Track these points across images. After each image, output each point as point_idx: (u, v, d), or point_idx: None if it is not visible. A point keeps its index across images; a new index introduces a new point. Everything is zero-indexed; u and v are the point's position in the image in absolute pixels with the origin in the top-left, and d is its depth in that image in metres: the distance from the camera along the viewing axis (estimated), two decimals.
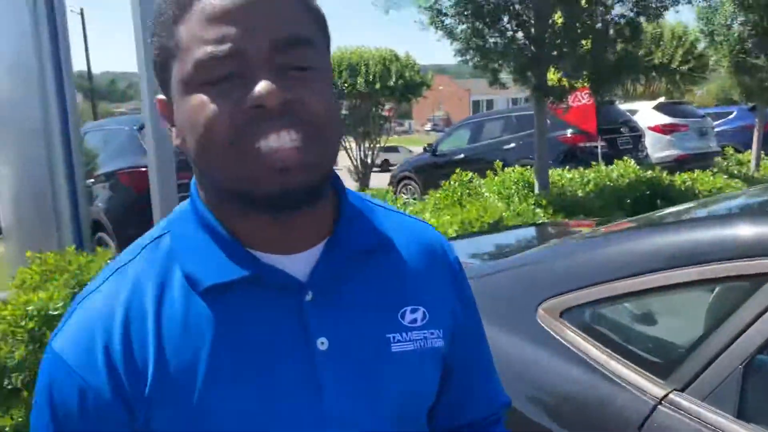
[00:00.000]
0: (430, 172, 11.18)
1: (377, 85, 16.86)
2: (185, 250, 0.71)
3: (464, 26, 5.93)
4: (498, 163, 7.19)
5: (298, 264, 0.72)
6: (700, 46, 10.96)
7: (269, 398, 0.68)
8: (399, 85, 17.08)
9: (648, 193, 6.31)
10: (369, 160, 17.61)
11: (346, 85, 16.52)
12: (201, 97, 0.64)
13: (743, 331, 1.14)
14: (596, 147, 9.08)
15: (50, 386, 0.67)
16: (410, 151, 33.80)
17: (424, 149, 11.74)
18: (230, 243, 0.70)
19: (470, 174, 6.55)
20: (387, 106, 18.11)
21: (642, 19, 5.79)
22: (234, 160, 0.64)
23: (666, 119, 11.15)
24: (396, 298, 0.76)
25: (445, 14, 6.03)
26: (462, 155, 10.72)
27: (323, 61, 0.68)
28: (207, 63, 0.63)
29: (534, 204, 5.38)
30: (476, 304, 0.89)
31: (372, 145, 17.72)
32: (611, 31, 5.84)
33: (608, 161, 8.33)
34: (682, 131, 11.08)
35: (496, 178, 6.69)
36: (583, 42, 5.77)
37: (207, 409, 0.66)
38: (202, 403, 0.66)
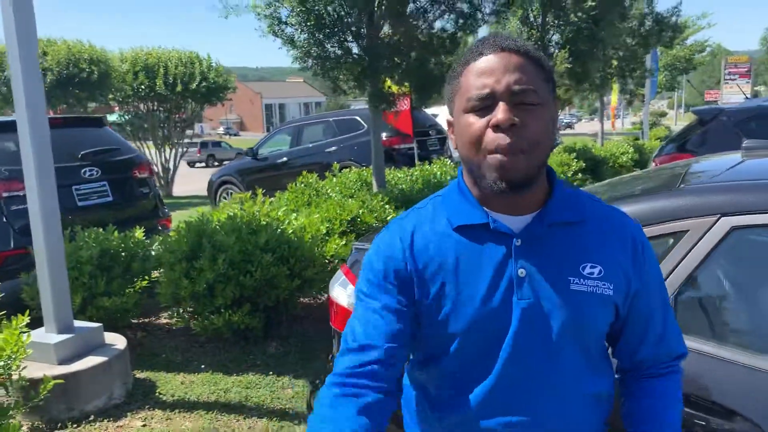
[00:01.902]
0: (254, 175, 11.29)
1: (178, 88, 16.34)
2: (449, 205, 1.18)
3: (305, 36, 6.21)
4: (335, 165, 7.61)
5: (516, 223, 1.13)
6: None
7: (484, 296, 1.11)
8: (202, 88, 16.71)
9: None
10: (171, 166, 16.92)
11: (142, 87, 15.78)
12: (468, 118, 1.08)
13: (669, 274, 1.66)
14: (411, 148, 9.92)
15: (374, 263, 1.18)
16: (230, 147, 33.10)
17: (244, 153, 11.74)
18: (475, 204, 1.15)
19: (314, 176, 6.86)
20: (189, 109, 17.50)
21: (460, 33, 6.56)
22: (477, 160, 1.08)
23: None
24: (580, 256, 1.13)
25: (286, 23, 6.28)
26: (285, 158, 10.98)
27: (545, 99, 1.08)
28: (475, 99, 1.06)
29: (382, 201, 5.86)
30: (658, 273, 1.22)
31: (174, 150, 17.09)
32: (434, 44, 6.52)
33: (420, 161, 9.18)
34: None
35: (335, 179, 7.09)
36: (411, 54, 6.38)
37: (444, 294, 1.13)
38: (442, 288, 1.13)
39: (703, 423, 1.52)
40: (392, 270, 1.15)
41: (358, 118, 10.60)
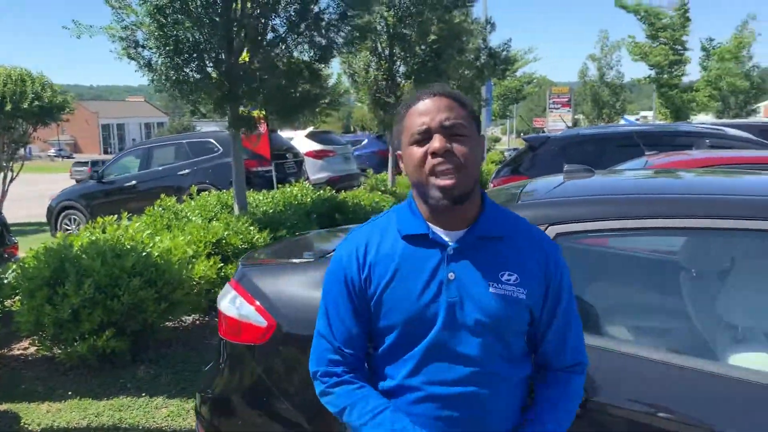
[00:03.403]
0: (99, 199, 10.80)
1: (8, 107, 15.17)
2: (400, 218, 1.48)
3: (163, 59, 6.21)
4: (193, 188, 7.57)
5: (451, 235, 1.43)
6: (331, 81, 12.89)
7: (420, 293, 1.41)
8: (34, 108, 15.62)
9: (329, 208, 7.49)
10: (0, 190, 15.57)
11: None
12: (413, 149, 1.40)
13: None
14: (268, 171, 10.07)
15: (335, 269, 1.50)
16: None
17: (90, 177, 11.20)
18: (420, 218, 1.45)
19: (173, 199, 6.81)
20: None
21: (317, 63, 6.90)
22: (422, 181, 1.39)
23: (317, 146, 12.83)
24: (501, 265, 1.41)
25: (143, 46, 6.24)
26: (134, 181, 10.65)
27: (471, 132, 1.41)
28: (416, 134, 1.40)
29: (246, 223, 5.99)
30: (568, 286, 1.48)
31: (2, 174, 15.76)
32: (294, 71, 6.80)
33: (278, 184, 9.38)
34: (331, 156, 12.90)
35: (193, 202, 7.08)
36: (272, 80, 6.61)
37: (389, 291, 1.43)
38: (387, 286, 1.43)
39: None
40: (350, 277, 1.48)
41: (212, 140, 10.56)
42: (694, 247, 2.58)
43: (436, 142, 1.36)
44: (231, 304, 2.51)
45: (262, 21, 6.54)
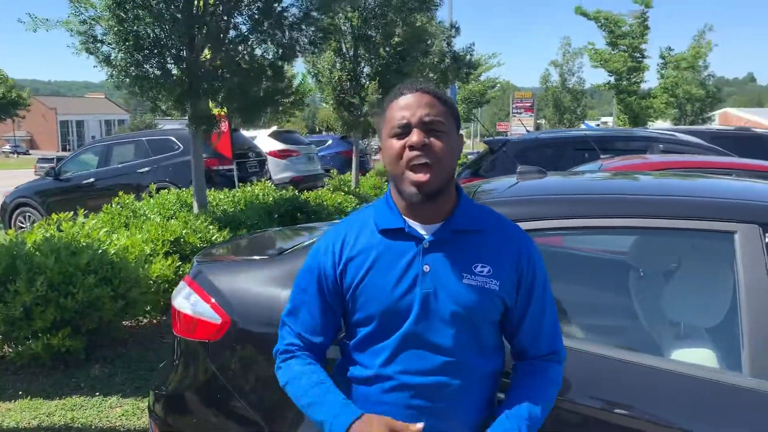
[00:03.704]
0: (56, 197, 10.56)
1: None
2: (377, 213, 1.53)
3: (122, 55, 6.12)
4: (152, 186, 7.48)
5: (427, 229, 1.48)
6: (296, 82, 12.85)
7: (396, 285, 1.45)
8: None
9: (290, 208, 7.47)
10: None
11: None
12: (392, 141, 1.44)
13: None
14: (230, 170, 9.98)
15: (310, 261, 1.55)
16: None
17: (46, 174, 10.95)
18: (396, 213, 1.49)
19: (131, 197, 6.72)
20: None
21: (281, 62, 6.88)
22: (398, 174, 1.43)
23: (281, 145, 12.77)
24: (474, 258, 1.45)
25: (102, 41, 6.14)
26: (92, 179, 10.44)
27: (450, 129, 1.45)
28: (396, 127, 1.43)
29: (205, 222, 5.94)
30: (543, 280, 1.52)
31: None
32: (256, 70, 6.76)
33: (240, 183, 9.31)
34: (294, 156, 12.85)
35: (152, 200, 6.99)
36: (234, 78, 6.57)
37: (365, 283, 1.47)
38: (364, 279, 1.47)
39: None
40: (324, 272, 1.53)
41: (173, 138, 10.42)
42: (641, 247, 2.67)
43: (415, 136, 1.40)
44: (186, 300, 2.50)
45: (225, 18, 6.49)
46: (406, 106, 1.43)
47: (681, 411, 1.80)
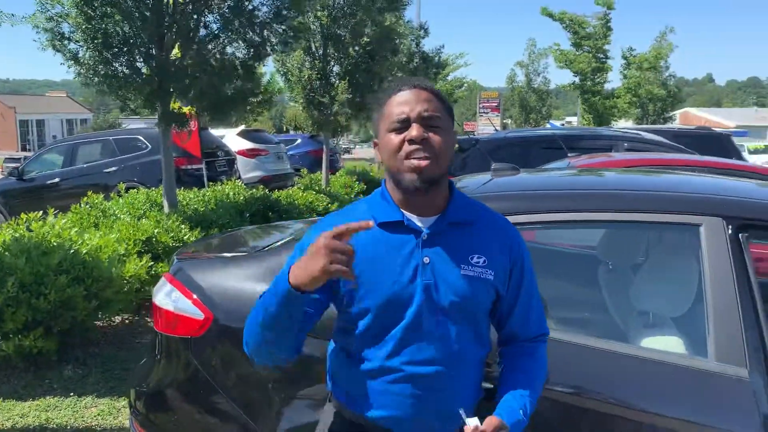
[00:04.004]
0: (20, 197, 10.34)
1: None
2: (374, 207, 1.55)
3: (90, 53, 6.03)
4: (121, 185, 7.39)
5: (424, 222, 1.51)
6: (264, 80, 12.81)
7: (396, 277, 1.48)
8: None
9: (262, 207, 7.46)
10: None
11: None
12: (391, 136, 1.48)
13: None
14: (199, 169, 9.89)
15: (299, 255, 1.45)
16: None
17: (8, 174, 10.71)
18: (394, 206, 1.52)
19: (100, 197, 6.64)
20: None
21: (251, 61, 6.86)
22: (397, 166, 1.46)
23: (249, 144, 12.70)
24: (470, 248, 1.51)
25: (69, 39, 6.05)
26: (57, 179, 10.26)
27: (446, 124, 1.50)
28: (395, 122, 1.47)
29: (177, 221, 5.91)
30: (529, 269, 1.60)
31: None
32: (227, 68, 6.73)
33: (209, 182, 9.24)
34: (264, 155, 12.79)
35: (121, 200, 6.91)
36: (204, 77, 6.53)
37: (363, 277, 1.46)
38: (362, 273, 1.46)
39: None
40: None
41: (141, 137, 10.29)
42: (610, 240, 2.77)
43: (414, 130, 1.44)
44: (167, 297, 2.51)
45: (195, 16, 6.46)
46: (405, 101, 1.47)
47: (650, 394, 1.90)
